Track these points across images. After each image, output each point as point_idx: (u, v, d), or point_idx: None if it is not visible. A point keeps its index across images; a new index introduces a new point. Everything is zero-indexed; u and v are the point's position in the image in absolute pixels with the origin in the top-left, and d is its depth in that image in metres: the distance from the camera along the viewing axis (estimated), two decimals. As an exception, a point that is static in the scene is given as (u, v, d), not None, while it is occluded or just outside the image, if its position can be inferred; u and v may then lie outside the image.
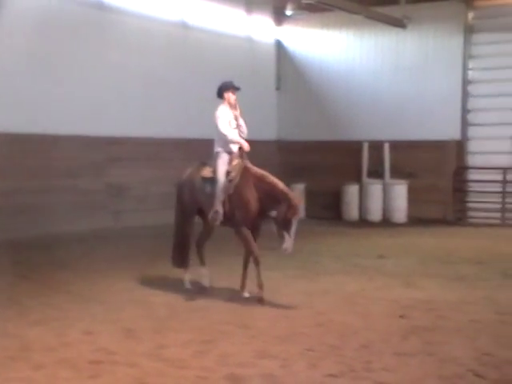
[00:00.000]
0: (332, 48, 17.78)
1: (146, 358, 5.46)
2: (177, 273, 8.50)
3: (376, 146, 16.79)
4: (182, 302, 7.54)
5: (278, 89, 18.33)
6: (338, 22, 17.39)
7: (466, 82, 16.15)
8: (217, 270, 8.76)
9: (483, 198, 15.88)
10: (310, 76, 18.02)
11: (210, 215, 7.76)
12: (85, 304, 7.40)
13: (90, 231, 13.04)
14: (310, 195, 17.18)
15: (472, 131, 16.21)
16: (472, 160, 16.24)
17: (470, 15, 16.03)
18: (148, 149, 15.09)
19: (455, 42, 16.04)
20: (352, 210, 16.70)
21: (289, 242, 7.29)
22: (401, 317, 6.90)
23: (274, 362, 5.39)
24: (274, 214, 7.38)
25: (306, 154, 17.50)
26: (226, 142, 7.92)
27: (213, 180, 7.80)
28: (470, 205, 16.34)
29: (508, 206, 15.71)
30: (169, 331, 6.33)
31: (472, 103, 16.14)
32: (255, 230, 7.75)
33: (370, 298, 7.80)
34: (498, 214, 15.72)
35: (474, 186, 16.24)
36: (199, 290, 7.98)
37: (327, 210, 16.91)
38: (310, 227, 15.19)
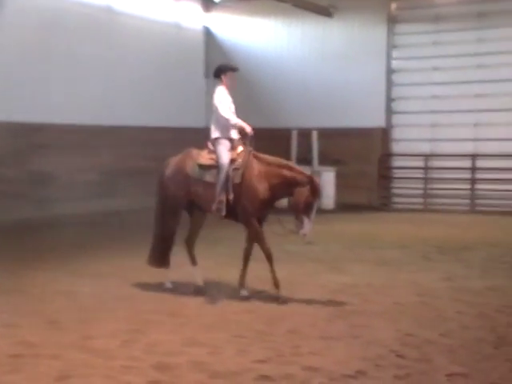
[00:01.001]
0: (260, 36, 17.85)
1: (70, 350, 5.34)
2: (101, 263, 8.34)
3: (304, 134, 16.97)
4: (109, 292, 7.42)
5: (206, 76, 18.23)
6: (265, 10, 17.45)
7: (390, 71, 16.57)
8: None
9: (407, 183, 16.39)
10: (238, 63, 17.85)
11: (215, 206, 7.11)
12: (6, 296, 7.16)
13: (12, 221, 12.62)
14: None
15: (396, 119, 16.67)
16: (396, 147, 16.70)
17: (393, 6, 16.43)
18: (73, 136, 14.72)
19: (379, 32, 16.41)
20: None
21: (308, 226, 6.86)
22: (327, 302, 7.04)
23: (203, 350, 5.40)
24: (294, 197, 6.88)
25: (236, 141, 17.50)
26: (226, 128, 7.35)
27: (213, 168, 7.20)
28: (395, 191, 16.83)
29: (430, 191, 16.28)
30: (95, 321, 6.21)
31: (396, 92, 16.57)
32: (261, 221, 7.25)
33: (298, 283, 7.91)
34: (421, 200, 16.27)
35: (398, 173, 16.73)
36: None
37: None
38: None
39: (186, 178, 7.36)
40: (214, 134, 7.39)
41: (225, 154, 7.20)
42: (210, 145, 7.43)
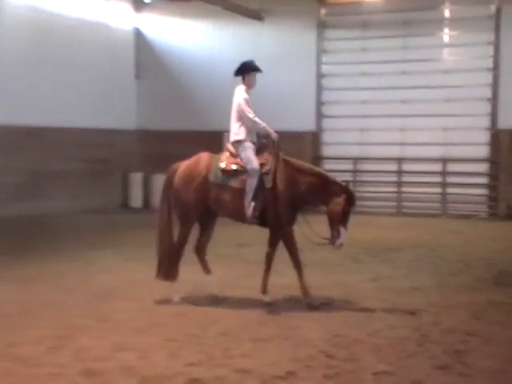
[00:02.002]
0: (191, 38, 17.78)
1: (-7, 359, 5.17)
2: (27, 268, 8.07)
3: (236, 137, 17.03)
4: (35, 298, 7.21)
5: (137, 77, 18.01)
6: (196, 12, 17.41)
7: (320, 76, 16.84)
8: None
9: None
10: (170, 65, 17.89)
11: (249, 212, 6.83)
12: None
13: None
14: (171, 185, 17.13)
15: (326, 123, 16.95)
16: (326, 150, 16.99)
17: (323, 11, 16.72)
18: (-1, 136, 14.23)
19: (309, 37, 16.66)
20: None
21: (344, 235, 6.82)
22: (258, 304, 7.08)
23: (133, 354, 5.33)
24: (330, 207, 6.82)
25: (167, 143, 17.36)
26: (250, 130, 7.06)
27: (239, 173, 6.89)
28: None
29: (358, 194, 16.61)
30: (20, 328, 6.03)
31: (326, 96, 16.86)
32: (286, 229, 7.05)
33: (229, 286, 7.91)
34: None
35: (328, 176, 16.98)
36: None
37: (188, 200, 16.92)
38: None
39: (205, 184, 6.96)
40: (237, 136, 7.07)
41: (254, 158, 6.92)
42: (231, 147, 7.10)
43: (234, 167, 6.94)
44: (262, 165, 6.92)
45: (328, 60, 16.78)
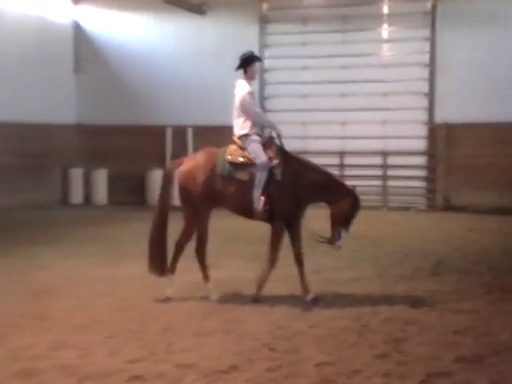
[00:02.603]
0: (132, 31, 17.51)
1: None
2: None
3: (179, 131, 16.92)
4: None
5: (76, 71, 17.61)
6: (137, 5, 17.18)
7: (262, 70, 16.86)
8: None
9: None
10: (110, 58, 17.58)
11: (258, 205, 6.78)
12: None
13: None
14: (112, 181, 16.89)
15: (269, 117, 16.90)
16: (269, 144, 17.04)
17: (264, 6, 16.76)
18: None
19: (251, 31, 16.66)
20: (156, 195, 16.63)
21: (344, 238, 6.90)
22: (201, 298, 7.05)
23: (72, 353, 5.23)
24: (334, 209, 6.90)
25: (109, 138, 17.09)
26: (254, 124, 7.03)
27: (246, 166, 6.86)
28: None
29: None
30: (-48, 330, 5.82)
31: (269, 90, 16.92)
32: (297, 224, 7.05)
33: (174, 280, 7.86)
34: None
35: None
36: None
37: (131, 195, 16.73)
38: (113, 213, 14.98)
39: (211, 177, 6.89)
40: (242, 130, 7.03)
41: (262, 152, 6.88)
42: (237, 140, 7.06)
43: (241, 159, 6.92)
44: (270, 158, 6.91)
45: (270, 54, 16.83)
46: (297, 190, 6.90)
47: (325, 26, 16.21)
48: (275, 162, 6.90)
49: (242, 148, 6.99)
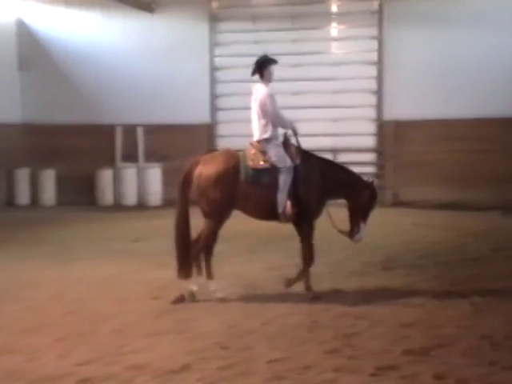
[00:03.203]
0: (79, 28, 17.19)
1: None
2: None
3: (129, 130, 16.73)
4: None
5: (20, 69, 17.18)
6: (83, 2, 16.88)
7: (213, 68, 16.84)
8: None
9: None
10: (57, 56, 17.21)
11: (286, 210, 6.87)
12: None
13: None
14: (61, 181, 16.56)
15: (221, 115, 16.98)
16: (221, 143, 17.01)
17: (214, 4, 16.71)
18: None
19: (202, 29, 16.59)
20: (106, 195, 16.47)
21: (364, 230, 7.03)
22: (153, 298, 7.01)
23: (19, 357, 5.13)
24: (353, 202, 7.07)
25: (56, 137, 16.75)
26: (275, 127, 7.07)
27: (268, 170, 6.89)
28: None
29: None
30: None
31: (220, 88, 16.88)
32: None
33: (124, 282, 7.79)
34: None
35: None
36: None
37: (80, 195, 16.44)
38: (61, 214, 14.71)
39: (234, 184, 6.86)
40: (264, 134, 7.04)
41: (285, 155, 6.96)
42: (257, 145, 7.08)
43: (262, 164, 6.95)
44: (292, 158, 7.00)
45: (221, 52, 16.79)
46: (322, 188, 7.09)
47: (275, 24, 16.26)
48: (297, 161, 6.99)
49: (262, 152, 7.02)
